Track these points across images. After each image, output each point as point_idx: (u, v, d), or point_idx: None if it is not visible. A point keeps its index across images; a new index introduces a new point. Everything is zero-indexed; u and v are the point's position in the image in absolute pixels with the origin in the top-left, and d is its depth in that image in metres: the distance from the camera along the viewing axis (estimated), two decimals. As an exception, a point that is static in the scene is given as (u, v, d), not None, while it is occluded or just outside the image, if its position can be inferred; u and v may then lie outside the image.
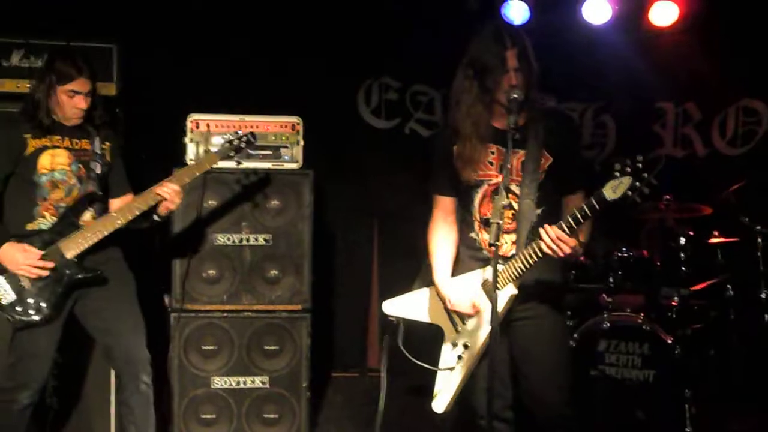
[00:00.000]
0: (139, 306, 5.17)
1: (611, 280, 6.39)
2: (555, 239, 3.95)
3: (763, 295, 6.63)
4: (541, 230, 4.01)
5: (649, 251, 6.54)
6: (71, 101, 4.92)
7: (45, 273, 4.79)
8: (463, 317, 4.38)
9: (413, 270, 4.76)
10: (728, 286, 6.76)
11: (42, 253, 4.80)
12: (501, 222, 3.89)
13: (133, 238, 5.17)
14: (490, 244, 3.89)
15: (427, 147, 4.57)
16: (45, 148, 4.95)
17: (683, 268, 6.36)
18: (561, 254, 3.98)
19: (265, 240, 5.90)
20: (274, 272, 5.91)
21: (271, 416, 5.91)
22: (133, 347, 5.08)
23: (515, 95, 4.07)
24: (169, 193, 4.96)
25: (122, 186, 5.25)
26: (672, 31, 7.37)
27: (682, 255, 6.36)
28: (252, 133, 5.33)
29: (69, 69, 4.91)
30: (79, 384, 5.78)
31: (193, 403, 5.85)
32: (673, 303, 6.32)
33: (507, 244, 4.28)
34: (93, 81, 5.00)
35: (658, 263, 6.43)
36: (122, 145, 5.35)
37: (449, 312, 4.43)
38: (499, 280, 4.15)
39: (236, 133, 5.30)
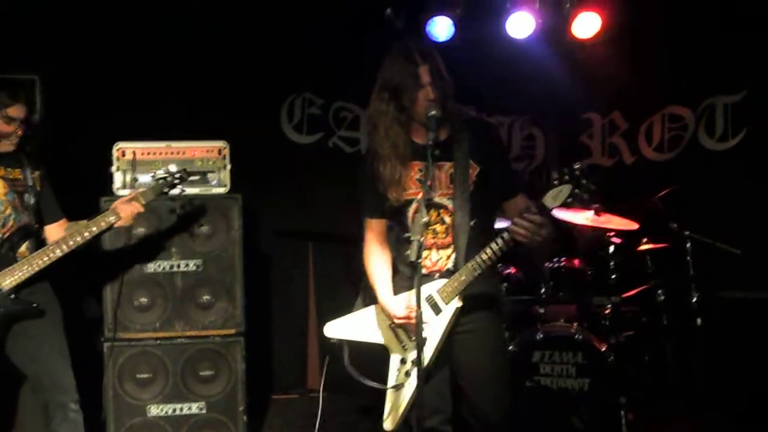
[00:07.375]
0: (64, 334, 5.14)
1: (543, 291, 6.44)
2: (529, 225, 3.92)
3: (694, 299, 6.67)
4: (513, 223, 3.97)
5: (583, 261, 6.59)
6: (7, 127, 4.91)
7: None
8: (410, 333, 4.34)
9: (349, 288, 4.78)
10: (659, 291, 6.83)
11: None
12: (421, 239, 3.91)
13: (66, 268, 5.12)
14: (411, 262, 3.91)
15: (351, 167, 4.57)
16: None
17: (613, 276, 6.42)
18: (539, 239, 3.96)
19: (195, 266, 5.87)
20: (206, 297, 5.88)
21: (209, 442, 5.87)
22: (61, 373, 5.05)
23: (433, 112, 4.10)
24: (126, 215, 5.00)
25: (54, 212, 5.23)
26: (595, 42, 7.42)
27: (612, 263, 6.42)
28: (185, 170, 5.26)
29: (4, 96, 4.92)
30: (11, 417, 5.73)
31: (130, 432, 5.80)
32: (606, 311, 6.40)
33: (443, 258, 4.30)
34: (28, 110, 5.02)
35: (589, 272, 6.48)
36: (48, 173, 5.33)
37: (395, 329, 4.40)
38: (444, 294, 4.20)
39: (167, 170, 5.21)
